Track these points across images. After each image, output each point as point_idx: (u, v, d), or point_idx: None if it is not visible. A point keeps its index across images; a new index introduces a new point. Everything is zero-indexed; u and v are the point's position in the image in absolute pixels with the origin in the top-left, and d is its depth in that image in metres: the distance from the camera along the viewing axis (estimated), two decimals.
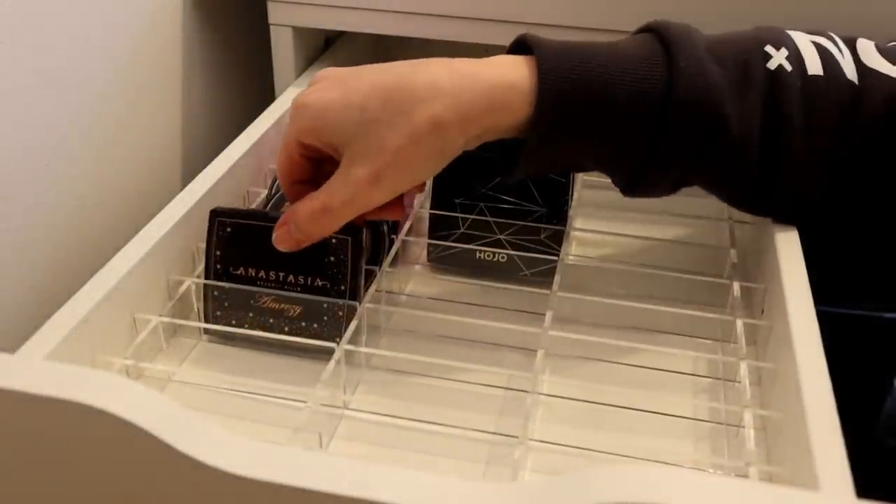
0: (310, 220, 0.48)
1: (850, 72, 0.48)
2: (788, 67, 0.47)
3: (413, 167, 0.47)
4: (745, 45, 0.48)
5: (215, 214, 0.52)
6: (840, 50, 0.49)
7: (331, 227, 0.49)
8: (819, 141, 0.47)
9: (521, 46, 0.49)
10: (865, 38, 0.51)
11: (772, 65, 0.47)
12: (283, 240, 0.50)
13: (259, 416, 0.49)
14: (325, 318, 0.51)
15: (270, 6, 0.72)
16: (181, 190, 0.56)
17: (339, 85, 0.47)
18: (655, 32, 0.48)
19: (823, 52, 0.48)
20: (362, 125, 0.46)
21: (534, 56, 0.47)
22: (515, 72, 0.46)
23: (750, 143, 0.47)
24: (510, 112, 0.46)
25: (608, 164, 0.49)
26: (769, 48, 0.48)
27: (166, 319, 0.52)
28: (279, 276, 0.52)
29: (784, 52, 0.47)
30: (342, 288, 0.52)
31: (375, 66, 0.48)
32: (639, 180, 0.49)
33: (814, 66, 0.47)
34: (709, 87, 0.46)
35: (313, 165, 0.50)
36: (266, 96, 0.74)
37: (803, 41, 0.49)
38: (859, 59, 0.49)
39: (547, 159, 0.49)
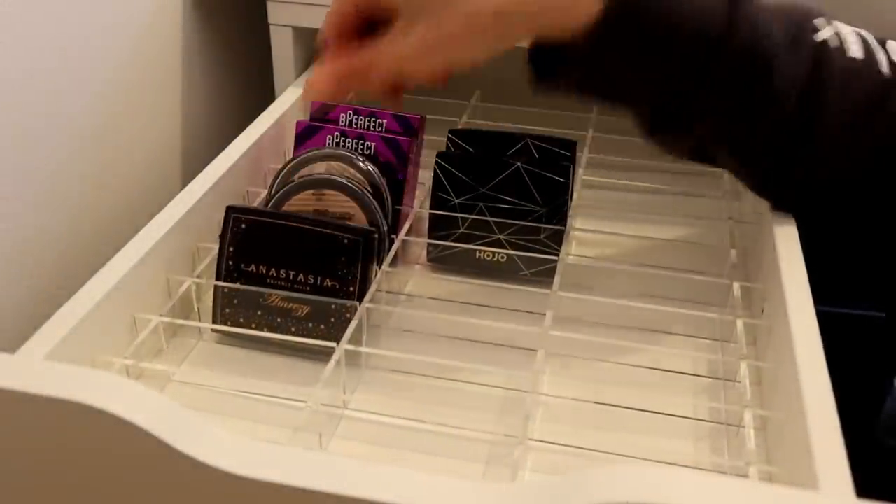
0: (351, 72, 0.48)
1: (885, 65, 0.49)
2: (833, 43, 0.48)
3: (466, 49, 0.47)
4: (797, 15, 0.49)
5: (231, 210, 0.53)
6: (875, 43, 0.50)
7: (370, 84, 0.49)
8: (848, 121, 0.48)
9: None
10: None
11: (819, 37, 0.48)
12: (316, 81, 0.49)
13: (259, 416, 0.49)
14: (333, 319, 0.51)
15: (270, 6, 0.72)
16: (181, 190, 0.56)
17: None
18: None
19: (863, 41, 0.50)
20: None
21: None
22: None
23: (788, 101, 0.48)
24: (572, 14, 0.46)
25: (647, 92, 0.49)
26: (818, 21, 0.49)
27: (166, 319, 0.52)
28: (289, 274, 0.52)
29: (831, 28, 0.49)
30: (351, 289, 0.52)
31: None
32: (669, 119, 0.49)
33: (855, 50, 0.49)
34: (764, 38, 0.47)
35: (361, 26, 0.50)
36: (266, 96, 0.74)
37: (845, 28, 0.50)
38: (890, 57, 0.49)
39: (590, 72, 0.49)
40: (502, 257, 0.59)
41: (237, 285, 0.53)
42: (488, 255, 0.60)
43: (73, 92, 0.58)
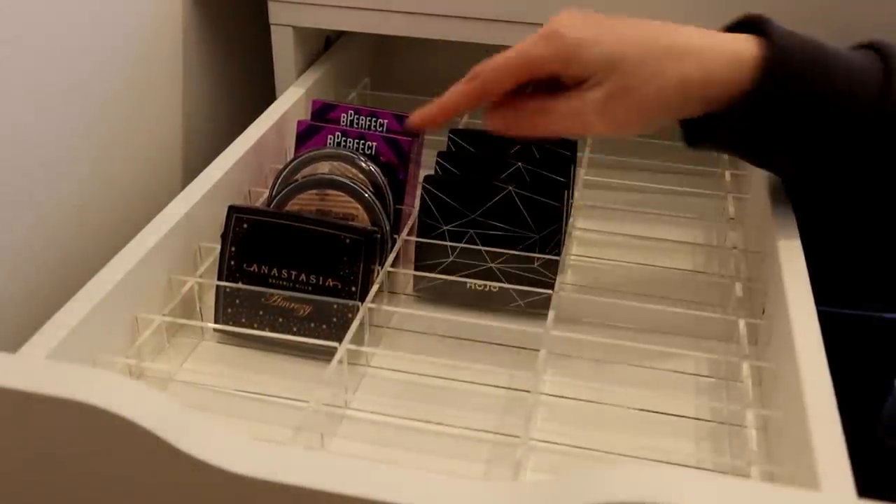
0: (525, 114, 0.50)
1: None
2: None
3: (644, 115, 0.49)
4: None
5: (233, 210, 0.53)
6: None
7: (539, 130, 0.51)
8: None
9: (743, 26, 0.51)
10: None
11: None
12: (496, 122, 0.52)
13: (261, 416, 0.49)
14: (335, 319, 0.51)
15: (271, 6, 0.72)
16: (181, 190, 0.57)
17: (592, 26, 0.49)
18: (876, 50, 0.49)
19: None
20: (615, 67, 0.47)
21: (765, 37, 0.48)
22: (747, 45, 0.48)
23: None
24: (737, 83, 0.48)
25: (796, 155, 0.50)
26: None
27: (168, 319, 0.52)
28: (291, 274, 0.52)
29: None
30: (353, 289, 0.52)
31: (623, 19, 0.50)
32: (817, 174, 0.51)
33: None
34: None
35: (513, 92, 0.51)
36: (266, 96, 0.74)
37: None
38: None
39: (742, 137, 0.50)
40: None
41: (239, 285, 0.53)
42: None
43: (73, 92, 0.58)
